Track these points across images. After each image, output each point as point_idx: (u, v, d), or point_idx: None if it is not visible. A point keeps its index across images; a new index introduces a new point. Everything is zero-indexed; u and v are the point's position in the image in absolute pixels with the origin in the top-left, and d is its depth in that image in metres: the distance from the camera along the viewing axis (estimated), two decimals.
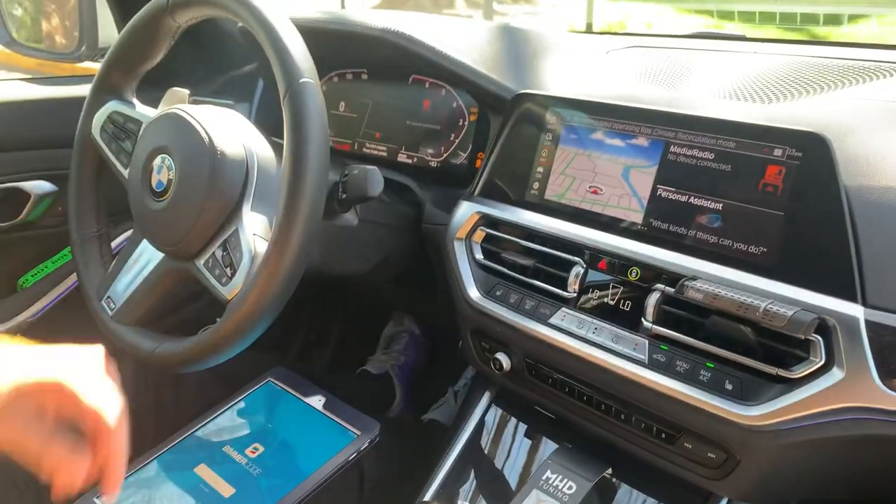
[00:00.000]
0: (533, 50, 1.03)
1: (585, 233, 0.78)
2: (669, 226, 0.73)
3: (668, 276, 0.71)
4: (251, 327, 0.70)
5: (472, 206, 0.89)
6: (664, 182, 0.74)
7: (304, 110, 0.68)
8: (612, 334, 0.74)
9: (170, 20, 0.84)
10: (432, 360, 1.56)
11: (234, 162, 0.75)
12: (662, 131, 0.75)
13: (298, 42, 0.72)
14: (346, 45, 1.08)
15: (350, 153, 1.14)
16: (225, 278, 0.73)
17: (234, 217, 0.75)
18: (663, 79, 0.93)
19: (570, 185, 0.81)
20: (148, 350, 0.79)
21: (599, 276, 0.77)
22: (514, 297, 0.83)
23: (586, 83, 0.93)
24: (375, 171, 0.80)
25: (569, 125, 0.83)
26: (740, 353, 0.66)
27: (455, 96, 1.01)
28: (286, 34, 0.72)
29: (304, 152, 0.67)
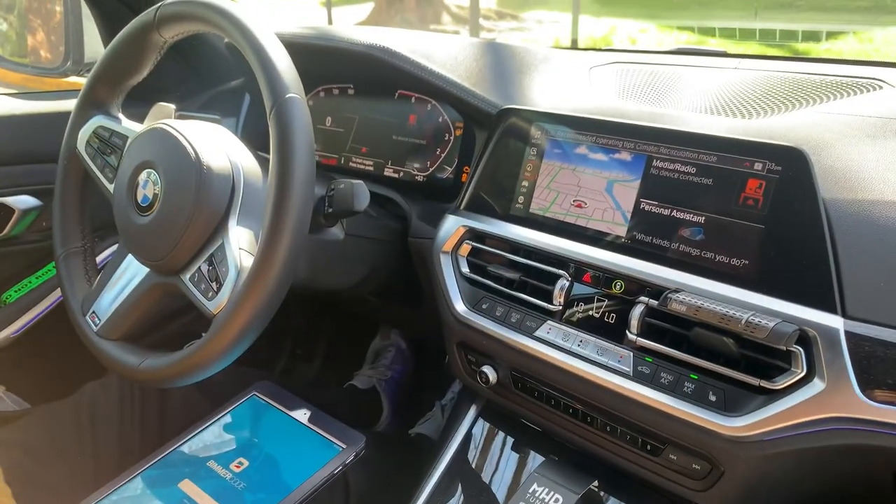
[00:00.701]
0: (518, 65, 1.04)
1: (570, 246, 0.79)
2: (653, 239, 0.73)
3: (651, 289, 0.72)
4: (237, 342, 0.69)
5: (458, 219, 0.89)
6: (647, 196, 0.74)
7: (291, 126, 0.68)
8: (598, 347, 0.75)
9: (156, 35, 0.84)
10: (419, 374, 1.55)
11: (221, 176, 0.75)
12: (645, 146, 0.76)
13: (284, 58, 0.72)
14: (333, 61, 1.09)
15: (337, 167, 1.15)
16: (211, 293, 0.73)
17: (220, 231, 0.75)
18: (646, 94, 0.94)
19: (554, 198, 0.82)
20: (133, 365, 0.78)
21: (584, 289, 0.78)
22: (500, 310, 0.83)
23: (570, 98, 0.94)
24: (362, 185, 0.81)
25: (553, 140, 0.83)
26: (723, 365, 0.66)
27: (441, 111, 1.02)
28: (272, 50, 0.72)
29: (290, 167, 0.67)
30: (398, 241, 1.01)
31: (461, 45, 1.07)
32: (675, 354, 0.69)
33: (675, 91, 0.94)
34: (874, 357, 0.59)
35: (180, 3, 0.80)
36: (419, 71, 0.98)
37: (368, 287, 1.05)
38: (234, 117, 1.29)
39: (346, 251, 0.92)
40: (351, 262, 0.96)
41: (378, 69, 1.02)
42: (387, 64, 0.99)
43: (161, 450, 0.99)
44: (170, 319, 1.28)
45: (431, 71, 0.97)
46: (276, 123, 0.69)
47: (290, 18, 8.77)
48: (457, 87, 0.96)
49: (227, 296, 0.71)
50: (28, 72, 1.40)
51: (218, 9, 0.76)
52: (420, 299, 1.06)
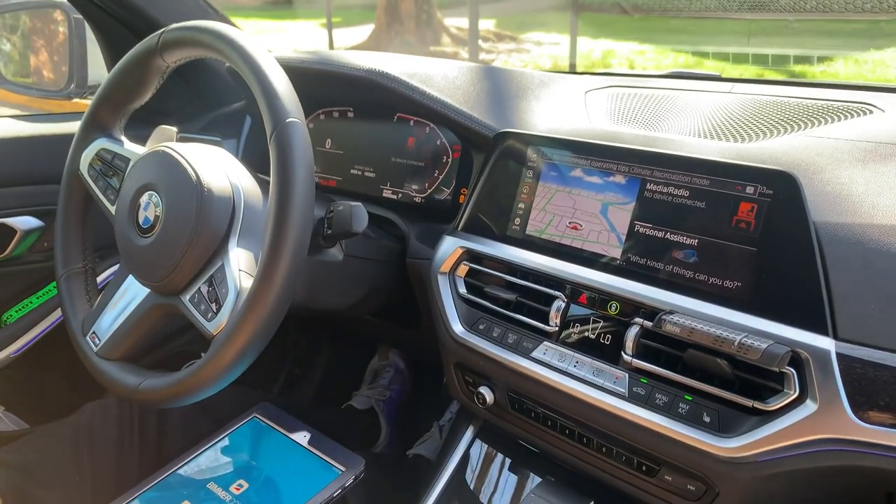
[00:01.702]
0: (514, 90, 1.06)
1: (566, 267, 0.80)
2: (647, 261, 0.74)
3: (646, 310, 0.73)
4: (236, 362, 0.70)
5: (455, 240, 0.90)
6: (641, 218, 0.76)
7: (290, 149, 0.70)
8: (593, 368, 0.75)
9: (159, 60, 0.85)
10: (418, 395, 1.55)
11: (221, 198, 0.76)
12: (639, 169, 0.77)
13: (285, 82, 0.74)
14: (333, 85, 1.11)
15: (336, 189, 1.16)
16: (210, 314, 0.73)
17: (220, 253, 0.76)
18: (640, 118, 0.95)
19: (550, 220, 0.83)
20: (132, 386, 0.79)
21: (580, 311, 0.78)
22: (497, 331, 0.84)
23: (566, 122, 0.96)
24: (360, 207, 0.82)
25: (549, 162, 0.85)
26: (717, 386, 0.67)
27: (439, 134, 1.03)
28: (273, 75, 0.73)
29: (289, 190, 0.69)
30: (396, 261, 1.02)
31: (459, 69, 1.08)
32: (670, 375, 0.70)
33: (670, 114, 0.95)
34: (865, 379, 0.60)
35: (183, 29, 0.82)
36: (417, 95, 0.99)
37: (367, 307, 1.06)
38: (235, 139, 1.30)
39: (344, 272, 0.93)
40: (350, 283, 0.97)
41: (377, 93, 1.03)
42: (386, 88, 1.01)
43: (160, 471, 0.99)
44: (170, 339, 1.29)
45: (429, 95, 0.99)
46: (277, 147, 0.70)
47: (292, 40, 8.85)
48: (454, 110, 0.97)
49: (226, 316, 0.72)
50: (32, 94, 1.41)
51: (219, 34, 0.78)
52: (418, 320, 1.07)
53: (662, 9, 7.25)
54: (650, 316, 0.71)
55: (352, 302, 0.99)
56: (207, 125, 1.30)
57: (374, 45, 9.00)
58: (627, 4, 7.01)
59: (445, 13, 9.43)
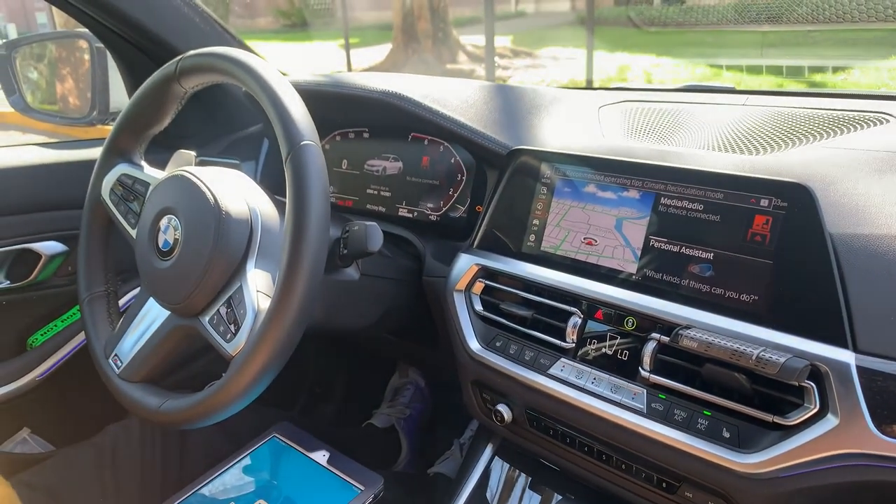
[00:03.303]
0: (527, 107, 1.06)
1: (582, 283, 0.80)
2: (663, 275, 0.74)
3: (663, 326, 0.72)
4: (255, 383, 0.71)
5: (471, 258, 0.91)
6: (656, 233, 0.75)
7: (305, 171, 0.71)
8: (611, 384, 0.75)
9: (177, 86, 0.87)
10: (438, 412, 1.55)
11: (239, 221, 0.78)
12: (653, 184, 0.77)
13: (299, 106, 0.75)
14: (348, 107, 1.12)
15: (352, 209, 1.17)
16: (229, 335, 0.74)
17: (238, 274, 0.77)
18: (654, 132, 0.95)
19: (565, 236, 0.83)
20: (154, 407, 0.80)
21: (597, 327, 0.78)
22: (514, 347, 0.84)
23: (579, 138, 0.96)
24: (375, 226, 0.83)
25: (563, 178, 0.85)
26: (736, 401, 0.66)
27: (453, 152, 1.04)
28: (287, 98, 0.75)
29: (305, 211, 0.69)
30: (413, 280, 1.03)
31: (472, 88, 1.09)
32: (688, 391, 0.69)
33: (683, 128, 0.95)
34: (887, 392, 0.59)
35: (199, 56, 0.84)
36: (431, 115, 1.00)
37: (385, 326, 1.06)
38: (254, 161, 1.32)
39: (361, 291, 0.93)
40: (367, 302, 0.97)
41: (392, 114, 1.05)
42: (400, 109, 1.02)
43: (182, 492, 1.00)
44: (190, 361, 1.30)
45: (443, 115, 1.00)
46: (292, 169, 0.71)
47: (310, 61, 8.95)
48: (468, 129, 0.98)
49: (245, 337, 0.72)
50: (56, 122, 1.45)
51: (235, 60, 0.79)
52: (436, 338, 1.07)
53: (678, 22, 7.25)
54: (667, 331, 0.71)
55: (369, 321, 1.00)
56: (226, 149, 1.32)
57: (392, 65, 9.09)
58: (640, 18, 7.02)
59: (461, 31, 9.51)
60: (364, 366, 1.65)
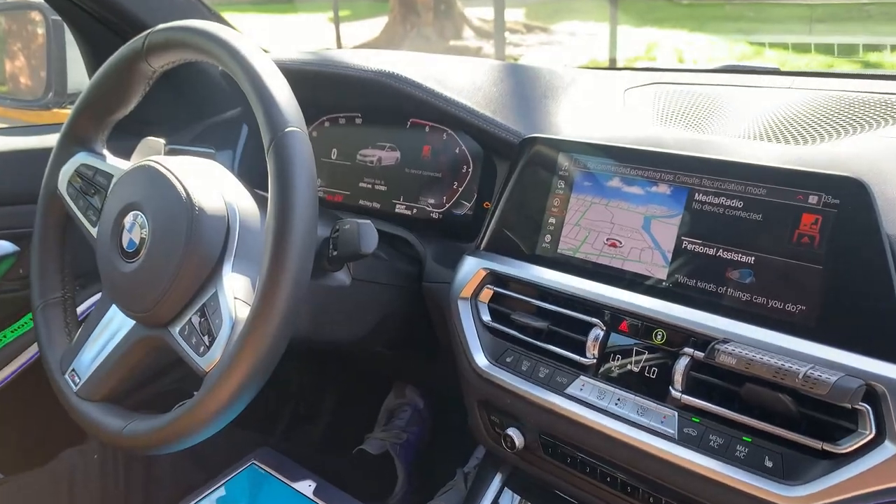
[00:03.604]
0: (543, 89, 1.07)
1: (604, 291, 0.80)
2: (696, 282, 0.74)
3: (696, 339, 0.72)
4: (232, 402, 0.71)
5: (477, 261, 0.91)
6: (689, 233, 0.76)
7: (290, 162, 0.71)
8: (637, 406, 0.75)
9: (145, 65, 0.87)
10: (438, 437, 1.55)
11: (214, 218, 0.78)
12: (686, 177, 0.77)
13: (284, 88, 0.75)
14: (338, 89, 1.12)
15: (343, 205, 1.17)
16: (203, 347, 0.74)
17: (213, 279, 0.77)
18: (687, 119, 0.95)
19: (585, 237, 0.84)
20: (116, 429, 0.80)
21: (621, 340, 0.78)
22: (527, 363, 0.84)
23: (602, 125, 0.96)
24: (369, 225, 0.83)
25: (583, 171, 0.85)
26: (780, 426, 0.66)
27: (458, 141, 1.04)
28: (270, 79, 0.75)
29: (289, 207, 0.70)
30: (411, 286, 1.03)
31: (479, 68, 1.10)
32: (725, 414, 0.69)
33: (721, 115, 0.95)
34: None
35: (170, 30, 0.84)
36: (433, 98, 1.00)
37: (379, 339, 1.07)
38: (231, 150, 1.32)
39: (353, 298, 0.94)
40: (359, 311, 0.97)
41: (388, 97, 1.05)
42: (397, 91, 1.02)
43: None
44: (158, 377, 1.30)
45: (446, 98, 1.00)
46: (275, 159, 0.71)
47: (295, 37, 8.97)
48: (475, 114, 0.98)
49: (220, 351, 0.73)
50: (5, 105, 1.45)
51: (211, 36, 0.79)
52: (437, 352, 1.07)
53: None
54: (701, 345, 0.71)
55: (362, 333, 1.00)
56: (199, 136, 1.32)
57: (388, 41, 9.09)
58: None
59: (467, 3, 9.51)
60: (355, 383, 1.65)
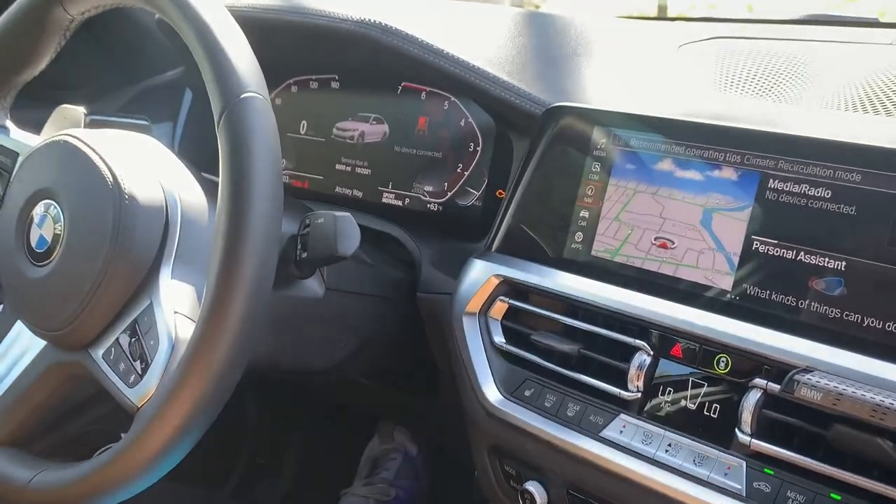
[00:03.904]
0: (573, 46, 1.06)
1: (651, 305, 0.80)
2: (771, 294, 0.74)
3: (771, 368, 0.72)
4: (170, 447, 0.71)
5: (488, 266, 0.91)
6: (762, 231, 0.75)
7: (247, 137, 0.71)
8: (694, 453, 0.75)
9: (60, 11, 0.87)
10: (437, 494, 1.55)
11: (149, 209, 0.78)
12: (758, 159, 0.77)
13: (240, 42, 0.75)
14: (309, 44, 1.12)
15: (314, 193, 1.17)
16: (133, 376, 0.74)
17: (146, 288, 0.77)
18: (759, 84, 0.95)
19: (627, 236, 0.83)
20: (21, 482, 0.79)
21: (673, 368, 0.78)
22: (551, 398, 0.84)
23: (649, 91, 0.96)
24: (349, 219, 0.83)
25: (624, 151, 0.85)
26: (878, 479, 0.66)
27: (463, 111, 1.04)
28: (222, 31, 0.74)
29: (245, 196, 0.69)
30: (402, 298, 1.03)
31: (493, 17, 1.10)
32: (808, 464, 0.69)
33: (802, 79, 0.95)
34: None
35: None
36: (431, 55, 1.00)
37: (360, 366, 1.06)
38: (170, 122, 1.32)
39: (327, 314, 0.93)
40: (334, 331, 0.97)
41: (373, 53, 1.05)
42: (386, 46, 1.02)
43: None
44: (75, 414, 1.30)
45: (449, 55, 1.00)
46: (228, 134, 0.71)
47: None
48: (486, 77, 0.98)
49: (156, 380, 0.72)
50: None
51: None
52: (435, 384, 1.07)
53: None
54: (777, 376, 0.71)
55: (338, 358, 0.99)
56: (129, 103, 1.32)
57: None
58: None
59: None
60: (329, 425, 1.65)
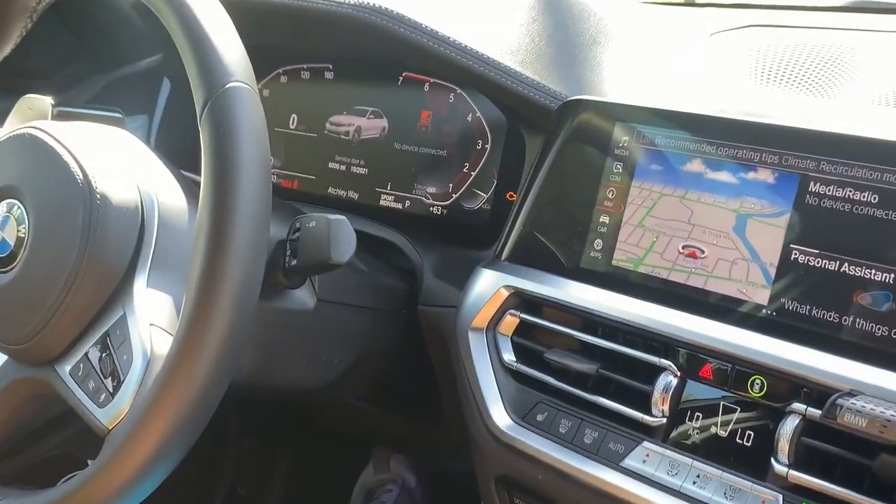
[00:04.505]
0: (592, 33, 1.06)
1: (678, 320, 0.80)
2: (811, 309, 0.74)
3: (810, 391, 0.72)
4: (143, 474, 0.70)
5: (497, 276, 0.91)
6: (801, 240, 0.75)
7: (233, 131, 0.70)
8: (725, 486, 0.75)
9: None
10: None
11: (123, 211, 0.78)
12: (797, 160, 0.76)
13: (225, 26, 0.75)
14: (301, 29, 1.12)
15: (306, 193, 1.17)
16: (104, 395, 0.74)
17: (119, 297, 0.77)
18: (799, 76, 0.95)
19: (652, 243, 0.83)
20: None
21: (702, 391, 0.78)
22: (566, 423, 0.84)
23: (677, 84, 0.96)
24: (343, 222, 0.82)
25: (649, 150, 0.85)
26: None
27: (470, 105, 1.04)
28: (206, 14, 0.74)
29: (230, 196, 0.69)
30: (401, 310, 1.03)
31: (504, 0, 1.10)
32: (851, 497, 0.68)
33: (847, 72, 0.95)
34: None
35: None
36: (436, 42, 1.00)
37: (354, 386, 1.06)
38: (146, 115, 1.32)
39: (318, 328, 0.93)
40: (326, 346, 0.97)
41: (371, 41, 1.05)
42: (385, 32, 1.02)
43: None
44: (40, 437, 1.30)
45: (456, 42, 0.99)
46: (211, 127, 0.71)
47: None
48: (496, 66, 0.98)
49: (128, 400, 0.72)
50: None
51: None
52: (436, 407, 1.07)
53: None
54: (817, 400, 0.71)
55: (329, 377, 0.99)
56: (101, 93, 1.32)
57: None
58: None
59: None
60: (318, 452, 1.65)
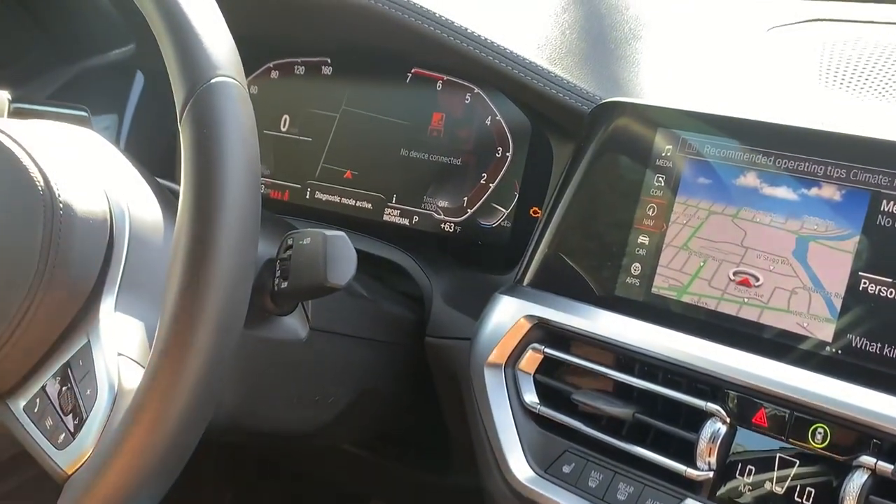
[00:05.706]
0: (632, 26, 1.07)
1: (728, 358, 0.79)
2: (882, 347, 0.74)
3: (882, 441, 0.72)
4: None
5: (518, 304, 0.91)
6: (872, 267, 0.75)
7: (218, 132, 0.71)
8: None
9: None
10: None
11: (89, 223, 0.78)
12: (867, 175, 0.76)
13: (211, 14, 0.75)
14: (296, 18, 1.13)
15: (299, 206, 1.17)
16: (63, 435, 0.74)
17: (83, 322, 0.77)
18: (867, 79, 0.95)
19: (698, 269, 0.83)
20: None
21: (755, 441, 0.78)
22: (597, 476, 0.84)
23: (728, 86, 0.96)
24: (342, 239, 0.82)
25: (696, 161, 0.85)
26: None
27: (490, 107, 1.04)
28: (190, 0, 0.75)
29: (213, 208, 0.69)
30: (407, 343, 1.03)
31: None
32: None
33: None
34: None
35: None
36: (451, 34, 1.00)
37: (350, 430, 1.06)
38: (115, 114, 1.33)
39: (311, 362, 0.93)
40: (319, 383, 0.97)
41: (377, 32, 1.05)
42: (393, 21, 1.02)
43: None
44: None
45: (474, 34, 1.00)
46: (193, 128, 0.71)
47: None
48: (520, 63, 0.98)
49: (91, 442, 0.72)
50: None
51: None
52: (446, 456, 1.07)
53: None
54: (889, 452, 0.71)
55: (322, 419, 0.99)
56: (64, 88, 1.33)
57: None
58: None
59: None
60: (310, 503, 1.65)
